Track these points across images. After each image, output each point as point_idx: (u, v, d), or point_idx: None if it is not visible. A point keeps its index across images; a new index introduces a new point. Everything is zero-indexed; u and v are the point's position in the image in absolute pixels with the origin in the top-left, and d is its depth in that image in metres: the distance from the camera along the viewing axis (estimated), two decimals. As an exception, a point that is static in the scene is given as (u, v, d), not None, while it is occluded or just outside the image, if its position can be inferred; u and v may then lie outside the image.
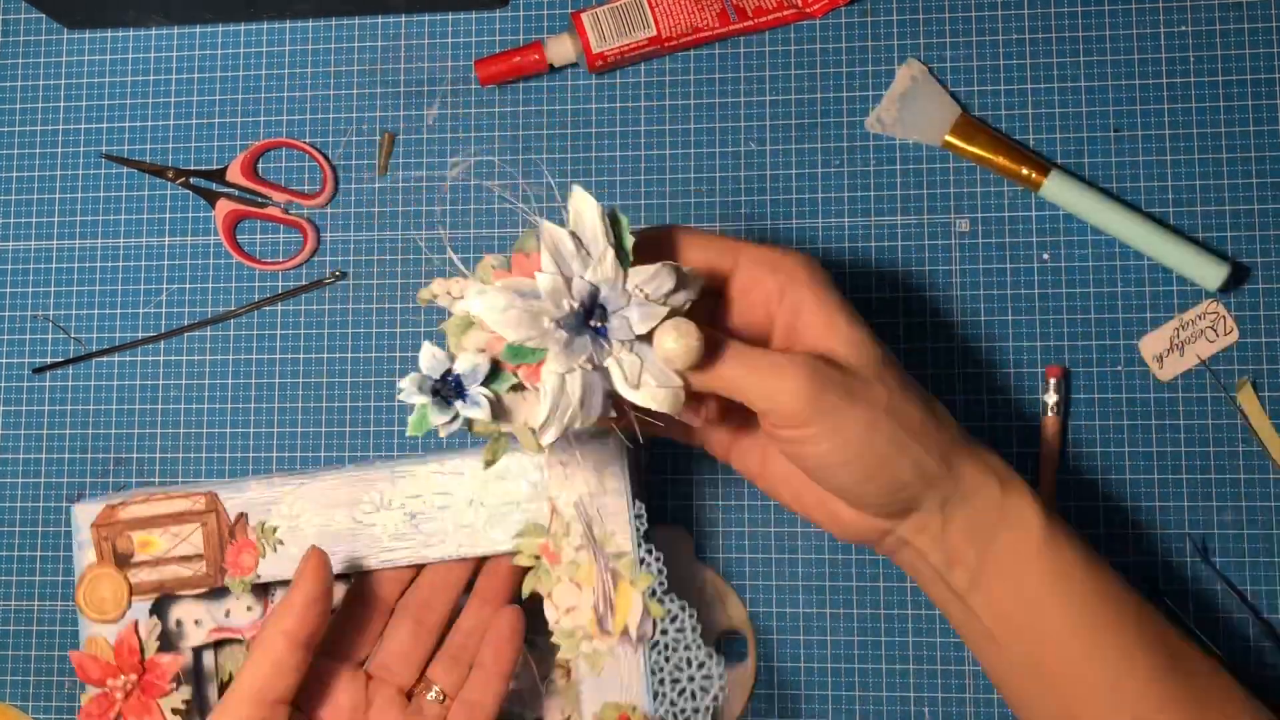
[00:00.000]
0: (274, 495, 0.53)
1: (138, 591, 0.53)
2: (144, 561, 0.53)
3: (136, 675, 0.53)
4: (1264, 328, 0.58)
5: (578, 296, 0.41)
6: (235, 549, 0.53)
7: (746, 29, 0.61)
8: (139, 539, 0.54)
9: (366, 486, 0.52)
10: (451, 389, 0.42)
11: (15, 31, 0.66)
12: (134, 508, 0.54)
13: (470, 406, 0.42)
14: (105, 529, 0.54)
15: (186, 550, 0.53)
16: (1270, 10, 0.60)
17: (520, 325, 0.41)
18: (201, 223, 0.64)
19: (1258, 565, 0.57)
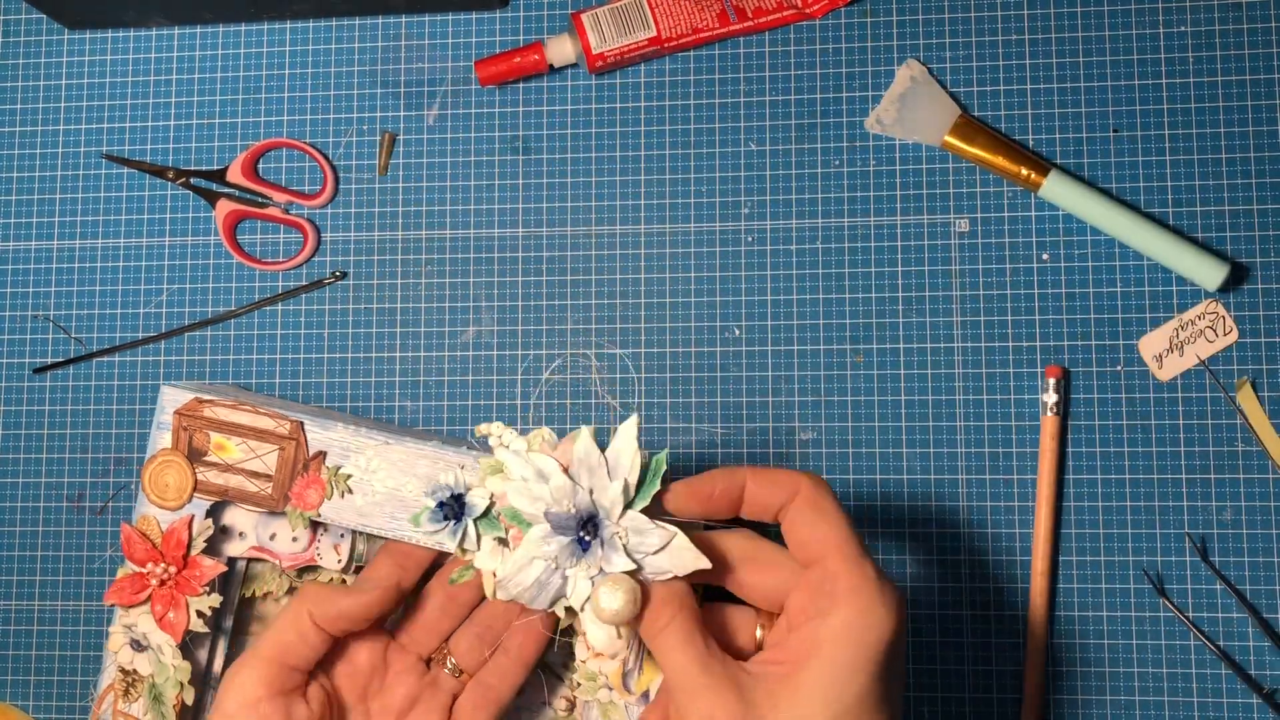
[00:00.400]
0: (357, 443, 0.52)
1: (200, 489, 0.53)
2: (214, 463, 0.53)
3: (177, 568, 0.53)
4: (1263, 328, 0.58)
5: (578, 507, 0.45)
6: (304, 482, 0.52)
7: (746, 29, 0.61)
8: (216, 440, 0.53)
9: (446, 467, 0.51)
10: (453, 508, 0.49)
11: (15, 31, 0.66)
12: (221, 410, 0.53)
13: (457, 530, 0.49)
14: (188, 419, 0.53)
15: (258, 467, 0.53)
16: (1270, 10, 0.60)
17: (523, 498, 0.46)
18: (202, 223, 0.64)
19: (1257, 565, 0.57)
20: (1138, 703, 0.57)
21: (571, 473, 0.45)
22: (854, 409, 0.60)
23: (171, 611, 0.53)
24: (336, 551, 0.56)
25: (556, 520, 0.45)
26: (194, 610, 0.52)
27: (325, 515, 0.52)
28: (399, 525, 0.51)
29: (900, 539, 0.59)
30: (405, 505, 0.51)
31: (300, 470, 0.52)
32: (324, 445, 0.52)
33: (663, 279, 0.61)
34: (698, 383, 0.61)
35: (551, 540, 0.45)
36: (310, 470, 0.52)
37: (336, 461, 0.52)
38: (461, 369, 0.62)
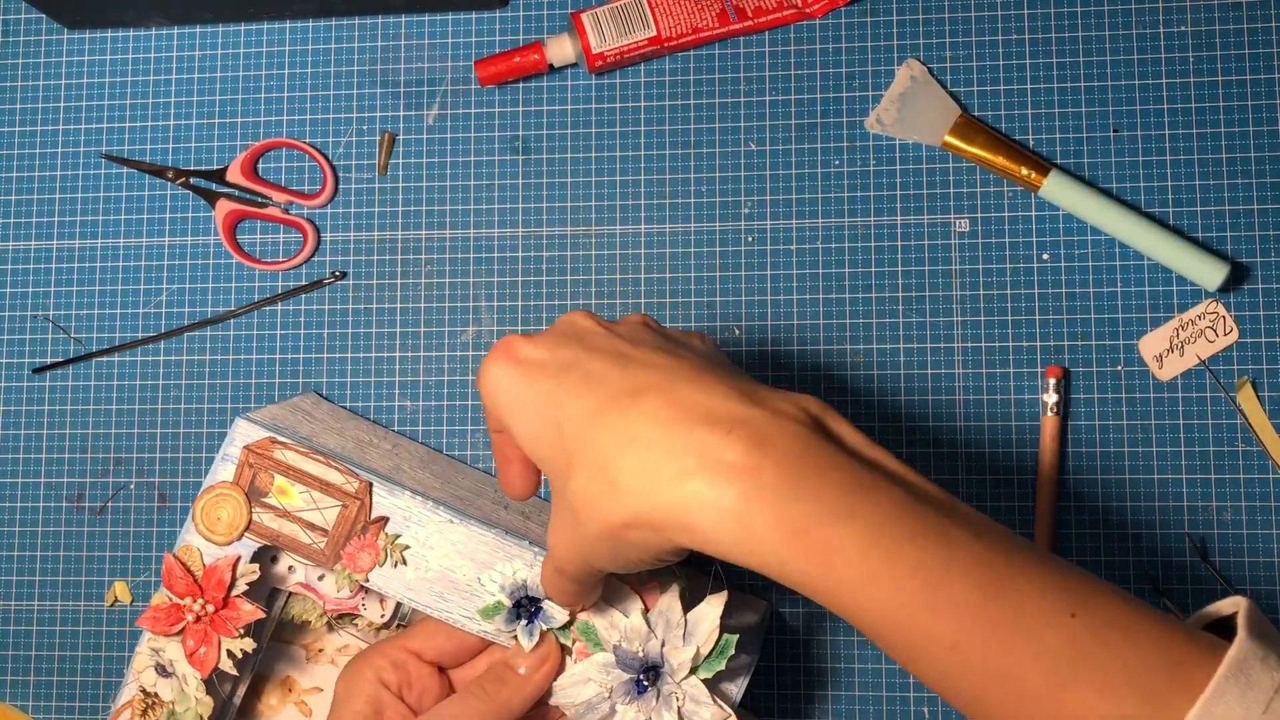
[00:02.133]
0: (420, 516, 0.51)
1: (253, 529, 0.52)
2: (272, 506, 0.52)
3: (215, 607, 0.52)
4: (1264, 327, 0.58)
5: (646, 652, 0.47)
6: (359, 544, 0.51)
7: (746, 29, 0.61)
8: (279, 484, 0.52)
9: (506, 557, 0.50)
10: (527, 609, 0.49)
11: (15, 31, 0.66)
12: (291, 455, 0.52)
13: (525, 633, 0.49)
14: (256, 457, 0.52)
15: (316, 520, 0.52)
16: (1270, 10, 0.60)
17: (604, 624, 0.48)
18: (201, 223, 0.64)
19: (1257, 565, 0.57)
20: (1138, 703, 0.57)
21: (650, 618, 0.47)
22: (854, 409, 0.60)
23: (204, 648, 0.52)
24: (381, 606, 0.55)
25: (623, 657, 0.47)
26: (225, 650, 0.52)
27: (373, 581, 0.51)
28: (448, 606, 0.50)
29: (900, 539, 0.59)
30: (455, 587, 0.50)
31: (359, 531, 0.51)
32: (388, 511, 0.51)
33: (663, 279, 0.61)
34: (698, 383, 0.61)
35: (612, 671, 0.47)
36: (369, 534, 0.51)
37: (397, 529, 0.51)
38: (461, 369, 0.62)
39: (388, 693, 0.49)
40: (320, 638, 0.59)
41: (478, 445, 0.61)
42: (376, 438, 0.59)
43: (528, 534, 0.52)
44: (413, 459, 0.58)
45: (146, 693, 0.53)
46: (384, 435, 0.60)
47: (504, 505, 0.56)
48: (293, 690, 0.59)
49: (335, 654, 0.59)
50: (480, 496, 0.56)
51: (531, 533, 0.52)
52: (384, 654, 0.50)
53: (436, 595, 0.50)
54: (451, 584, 0.50)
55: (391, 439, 0.60)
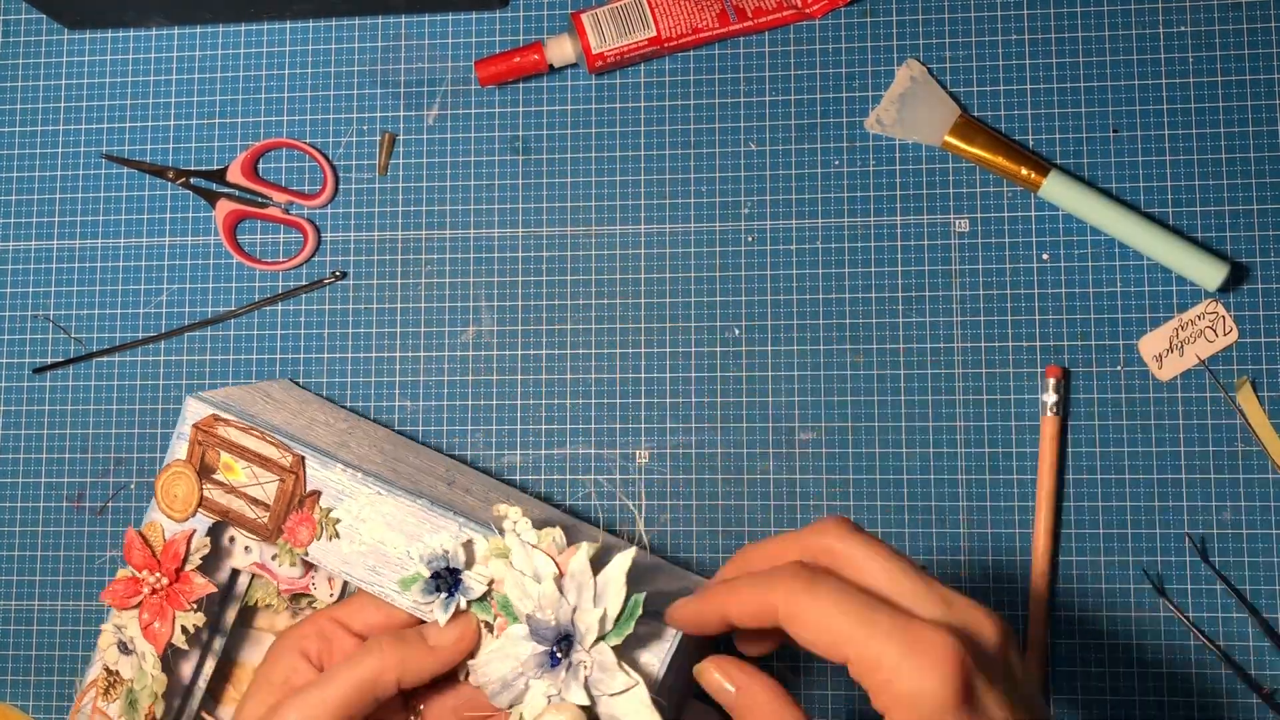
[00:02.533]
0: (352, 488, 0.51)
1: (205, 505, 0.53)
2: (220, 483, 0.53)
3: (169, 580, 0.53)
4: (1263, 328, 0.58)
5: (559, 620, 0.45)
6: (297, 519, 0.51)
7: (746, 29, 0.61)
8: (225, 460, 0.53)
9: (433, 529, 0.49)
10: (447, 581, 0.47)
11: (15, 31, 0.66)
12: (233, 431, 0.53)
13: (449, 605, 0.47)
14: (203, 435, 0.53)
15: (259, 494, 0.52)
16: (1270, 10, 0.60)
17: (517, 592, 0.46)
18: (202, 223, 0.64)
19: (1257, 565, 0.57)
20: (1138, 703, 0.57)
21: (562, 584, 0.45)
22: (854, 409, 0.60)
23: (158, 621, 0.53)
24: (330, 584, 0.56)
25: (536, 626, 0.45)
26: (179, 625, 0.52)
27: (313, 555, 0.51)
28: (380, 579, 0.50)
29: (900, 539, 0.59)
30: (387, 560, 0.50)
31: (296, 505, 0.52)
32: (321, 484, 0.51)
33: (663, 279, 0.61)
34: (698, 383, 0.61)
35: (527, 644, 0.45)
36: (305, 507, 0.51)
37: (330, 503, 0.51)
38: (461, 369, 0.62)
39: (305, 662, 0.48)
40: (288, 620, 0.58)
41: (478, 445, 0.61)
42: (334, 419, 0.59)
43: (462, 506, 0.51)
44: (366, 439, 0.58)
45: (109, 671, 0.54)
46: (344, 417, 0.60)
47: (449, 482, 0.56)
48: None
49: None
50: (425, 474, 0.55)
51: (469, 506, 0.52)
52: (311, 623, 0.49)
53: (369, 569, 0.50)
54: (383, 557, 0.50)
55: (351, 420, 0.60)
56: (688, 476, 0.60)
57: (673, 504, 0.60)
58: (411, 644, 0.46)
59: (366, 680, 0.45)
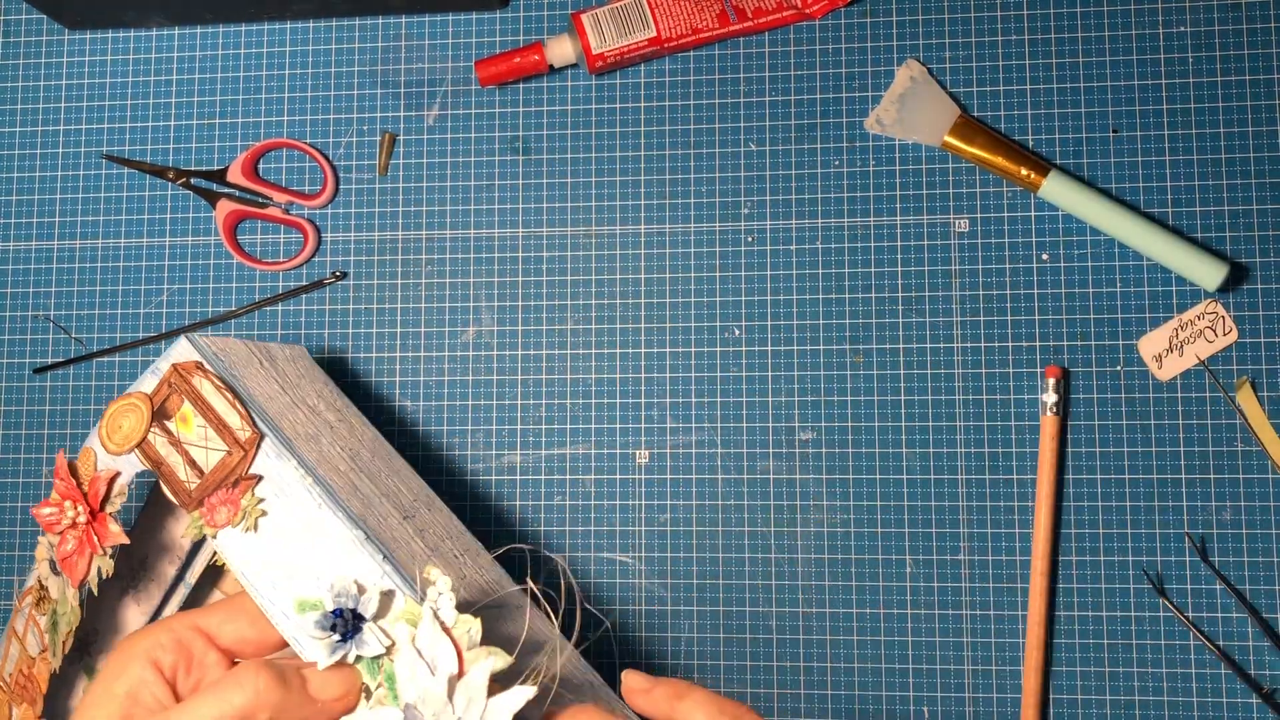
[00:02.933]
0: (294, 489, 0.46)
1: (144, 448, 0.48)
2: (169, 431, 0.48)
3: (86, 520, 0.49)
4: (1263, 328, 0.58)
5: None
6: (223, 497, 0.47)
7: (746, 30, 0.61)
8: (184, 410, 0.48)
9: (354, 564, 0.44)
10: (347, 623, 0.43)
11: (15, 31, 0.66)
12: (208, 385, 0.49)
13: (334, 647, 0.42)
14: (178, 376, 0.49)
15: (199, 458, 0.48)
16: (1270, 10, 0.60)
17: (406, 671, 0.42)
18: (202, 223, 0.64)
19: (1257, 565, 0.57)
20: (1138, 703, 0.57)
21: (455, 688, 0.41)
22: (854, 409, 0.60)
23: (77, 556, 0.49)
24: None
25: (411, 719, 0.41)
26: (96, 565, 0.48)
27: (219, 540, 0.46)
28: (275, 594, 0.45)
29: (900, 539, 0.59)
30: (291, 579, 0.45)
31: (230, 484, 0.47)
32: (266, 472, 0.47)
33: (663, 279, 0.61)
34: (698, 383, 0.61)
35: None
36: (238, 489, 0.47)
37: (265, 494, 0.46)
38: (461, 369, 0.62)
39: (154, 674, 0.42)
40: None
41: (478, 445, 0.61)
42: (325, 407, 0.55)
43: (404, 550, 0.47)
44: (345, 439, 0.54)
45: (41, 584, 0.51)
46: (338, 408, 0.56)
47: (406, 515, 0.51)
48: None
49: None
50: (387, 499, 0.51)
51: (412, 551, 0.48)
52: (168, 628, 0.43)
53: (270, 581, 0.45)
54: (289, 574, 0.45)
55: (343, 414, 0.56)
56: (688, 476, 0.60)
57: (673, 504, 0.60)
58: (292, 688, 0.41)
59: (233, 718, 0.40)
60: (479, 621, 0.42)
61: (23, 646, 0.52)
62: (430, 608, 0.42)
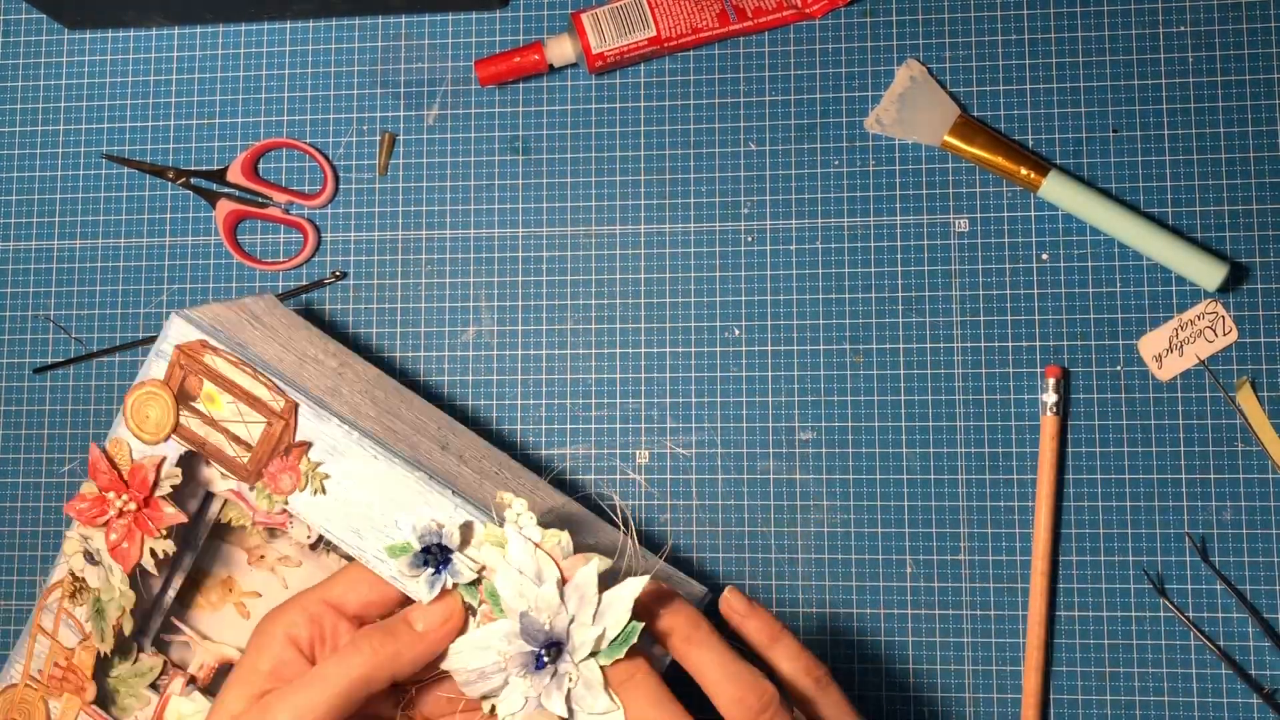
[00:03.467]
0: (346, 446, 0.48)
1: (179, 433, 0.50)
2: (199, 412, 0.50)
3: (138, 506, 0.50)
4: (1263, 328, 0.58)
5: (553, 626, 0.44)
6: (281, 465, 0.49)
7: (746, 29, 0.61)
8: (207, 390, 0.50)
9: (426, 502, 0.47)
10: (436, 557, 0.46)
11: (15, 31, 0.66)
12: (222, 363, 0.50)
13: (432, 581, 0.46)
14: (187, 359, 0.50)
15: (241, 433, 0.49)
16: (1270, 10, 0.60)
17: (510, 588, 0.44)
18: (202, 223, 0.64)
19: (1257, 565, 0.57)
20: (1138, 703, 0.57)
21: (564, 591, 0.44)
22: (854, 409, 0.60)
23: (126, 543, 0.50)
24: (308, 528, 0.54)
25: (528, 627, 0.44)
26: (148, 548, 0.50)
27: (293, 506, 0.49)
28: (362, 543, 0.48)
29: (900, 539, 0.59)
30: (373, 524, 0.48)
31: (281, 452, 0.49)
32: (313, 436, 0.49)
33: (663, 279, 0.61)
34: (698, 383, 0.61)
35: (514, 641, 0.44)
36: (291, 456, 0.49)
37: (320, 457, 0.49)
38: (461, 369, 0.62)
39: (294, 653, 0.46)
40: (261, 543, 0.57)
41: (478, 445, 0.61)
42: (324, 354, 0.56)
43: (459, 480, 0.49)
44: (357, 382, 0.55)
45: (75, 576, 0.52)
46: (333, 352, 0.57)
47: (442, 445, 0.53)
48: (233, 590, 0.57)
49: (276, 562, 0.57)
50: (420, 433, 0.53)
51: (464, 479, 0.50)
52: (300, 606, 0.47)
53: (352, 530, 0.48)
54: (369, 521, 0.48)
55: (340, 357, 0.57)
56: (688, 476, 0.60)
57: (673, 504, 0.60)
58: (400, 635, 0.45)
59: (358, 680, 0.44)
60: (565, 533, 0.45)
61: (54, 641, 0.53)
62: (514, 526, 0.45)
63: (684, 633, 0.46)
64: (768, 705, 0.45)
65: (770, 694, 0.45)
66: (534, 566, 0.44)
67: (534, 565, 0.44)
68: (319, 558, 0.57)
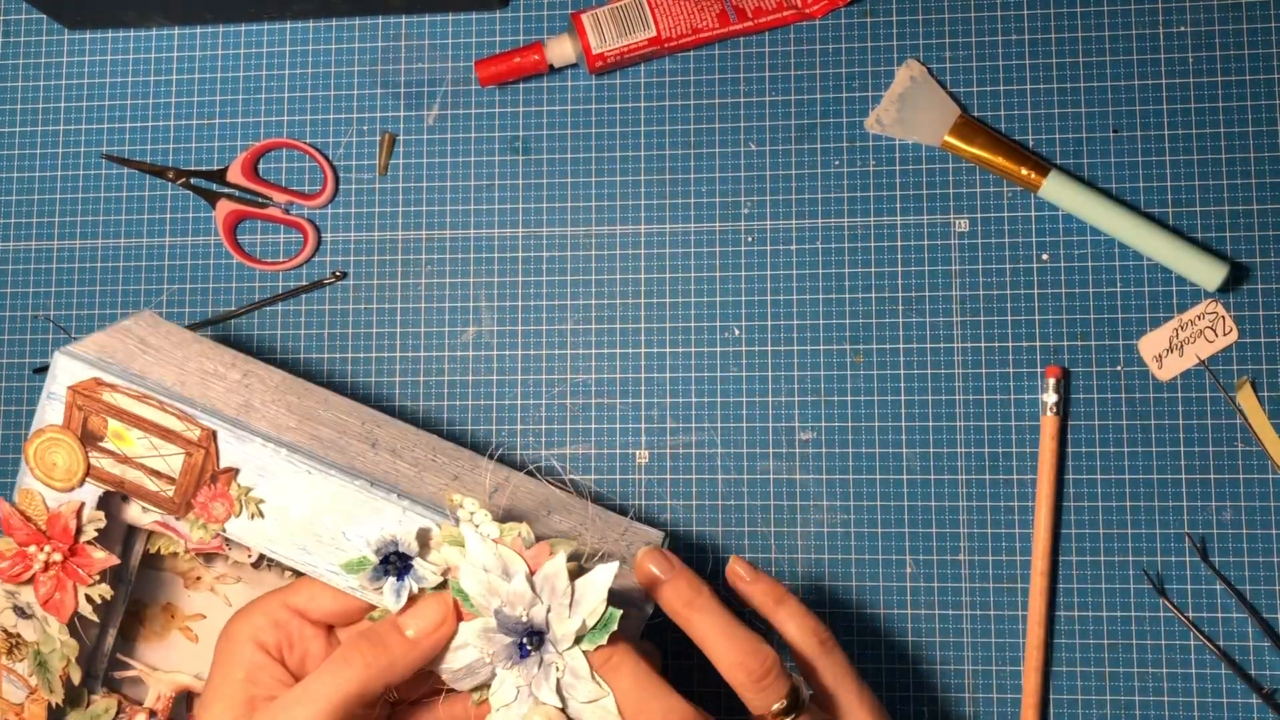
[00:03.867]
0: (275, 465, 0.46)
1: (94, 475, 0.48)
2: (110, 451, 0.48)
3: (63, 556, 0.48)
4: (1263, 328, 0.58)
5: (530, 617, 0.44)
6: (211, 494, 0.47)
7: (746, 30, 0.61)
8: (114, 428, 0.47)
9: (372, 510, 0.46)
10: (396, 565, 0.45)
11: (15, 31, 0.66)
12: (122, 398, 0.47)
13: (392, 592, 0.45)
14: (84, 399, 0.47)
15: (160, 466, 0.47)
16: (1270, 10, 0.60)
17: (477, 586, 0.44)
18: (202, 223, 0.64)
19: (1257, 565, 0.57)
20: (1138, 703, 0.57)
21: (535, 582, 0.44)
22: (854, 409, 0.60)
23: (58, 593, 0.48)
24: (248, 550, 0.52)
25: (505, 621, 0.44)
26: (83, 595, 0.49)
27: (232, 532, 0.47)
28: (311, 560, 0.47)
29: (900, 539, 0.59)
30: (319, 539, 0.47)
31: (208, 481, 0.47)
32: (238, 460, 0.47)
33: (663, 279, 0.61)
34: (698, 383, 0.61)
35: (494, 636, 0.44)
36: (219, 483, 0.47)
37: (250, 480, 0.47)
38: (461, 369, 0.62)
39: (264, 657, 0.45)
40: (196, 565, 0.56)
41: (478, 446, 0.61)
42: (223, 366, 0.53)
43: (398, 478, 0.48)
44: (266, 390, 0.53)
45: (8, 633, 0.50)
46: (231, 362, 0.54)
47: (371, 443, 0.51)
48: (175, 617, 0.56)
49: (214, 582, 0.56)
50: (345, 435, 0.51)
51: (402, 476, 0.49)
52: (265, 611, 0.46)
53: (299, 548, 0.47)
54: (314, 536, 0.46)
55: (241, 366, 0.54)
56: (688, 476, 0.60)
57: (673, 504, 0.60)
58: (392, 644, 0.44)
59: (352, 695, 0.43)
60: (525, 525, 0.44)
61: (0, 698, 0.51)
62: (469, 525, 0.44)
63: (686, 598, 0.46)
64: (769, 670, 0.45)
65: (771, 658, 0.46)
66: (498, 563, 0.44)
67: (498, 562, 0.44)
68: (261, 575, 0.55)
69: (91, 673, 0.53)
